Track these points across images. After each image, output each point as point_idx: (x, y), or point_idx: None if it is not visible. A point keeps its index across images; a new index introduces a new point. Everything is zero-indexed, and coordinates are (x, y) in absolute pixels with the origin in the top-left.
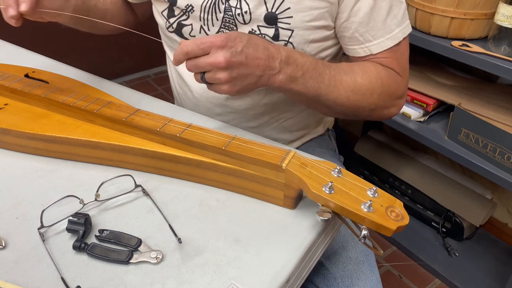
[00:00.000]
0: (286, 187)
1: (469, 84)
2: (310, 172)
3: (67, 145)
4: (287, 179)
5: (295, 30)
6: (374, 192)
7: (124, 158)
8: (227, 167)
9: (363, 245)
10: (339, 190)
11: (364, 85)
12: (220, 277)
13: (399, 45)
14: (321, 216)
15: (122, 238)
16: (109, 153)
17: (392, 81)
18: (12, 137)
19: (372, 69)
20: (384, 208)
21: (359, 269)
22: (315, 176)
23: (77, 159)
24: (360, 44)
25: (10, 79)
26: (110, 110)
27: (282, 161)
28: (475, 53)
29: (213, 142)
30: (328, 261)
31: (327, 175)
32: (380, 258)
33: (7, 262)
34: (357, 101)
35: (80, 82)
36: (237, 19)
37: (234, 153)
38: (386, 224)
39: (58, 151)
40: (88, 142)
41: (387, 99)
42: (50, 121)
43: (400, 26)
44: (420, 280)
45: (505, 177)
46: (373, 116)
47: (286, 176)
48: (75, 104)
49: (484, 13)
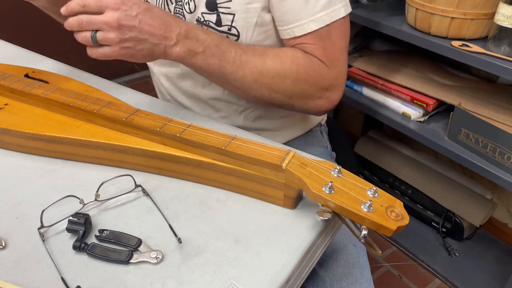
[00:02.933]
0: (286, 187)
1: (469, 84)
2: (310, 172)
3: (67, 145)
4: (287, 179)
5: (237, 13)
6: (374, 192)
7: (124, 158)
8: (227, 167)
9: (353, 247)
10: (339, 190)
11: (274, 69)
12: (220, 277)
13: (329, 33)
14: (321, 216)
15: (122, 238)
16: (109, 153)
17: (312, 70)
18: (12, 137)
19: (288, 54)
20: (384, 208)
21: (348, 272)
22: (315, 176)
23: (77, 159)
24: (284, 26)
25: (10, 79)
26: (110, 110)
27: (282, 161)
28: (475, 53)
29: (213, 142)
30: (317, 264)
31: (327, 175)
32: (380, 258)
33: (7, 262)
34: (267, 84)
35: (80, 82)
36: (184, 8)
37: (234, 153)
38: (386, 224)
39: (58, 151)
40: (88, 142)
41: (308, 88)
42: (50, 121)
43: (328, 9)
44: (420, 280)
45: (505, 177)
46: (296, 106)
47: (286, 176)
48: (75, 104)
49: (484, 13)
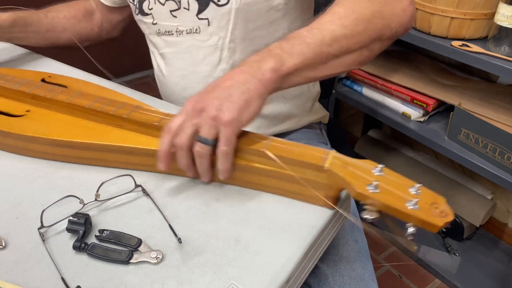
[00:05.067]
0: (327, 187)
1: (469, 84)
2: (353, 171)
3: (99, 152)
4: (330, 179)
5: None
6: (417, 189)
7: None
8: (267, 169)
9: (355, 243)
10: (383, 189)
11: (345, 3)
12: (220, 277)
13: None
14: (368, 215)
15: (122, 238)
16: (142, 158)
17: None
18: (38, 144)
19: None
20: (429, 204)
21: (351, 267)
22: (358, 176)
23: (107, 165)
24: None
25: (30, 85)
26: (140, 114)
27: (324, 162)
28: (475, 53)
29: (254, 145)
30: (320, 259)
31: (369, 174)
32: (380, 258)
33: (7, 262)
34: (355, 21)
35: (99, 86)
36: None
37: (276, 155)
38: (433, 221)
39: (88, 157)
40: (121, 147)
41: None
42: (77, 127)
43: None
44: (420, 280)
45: (505, 177)
46: (386, 17)
47: (328, 176)
48: (103, 109)
49: (484, 13)
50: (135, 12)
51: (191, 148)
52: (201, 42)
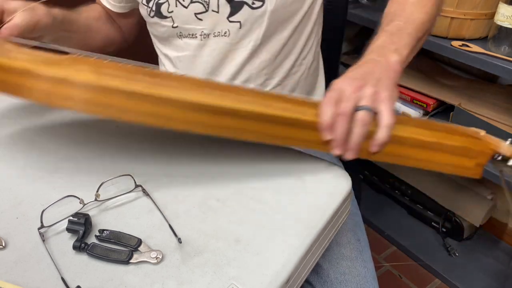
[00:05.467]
0: (481, 154)
1: (469, 84)
2: (487, 135)
3: (262, 123)
4: (483, 146)
5: None
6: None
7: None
8: (426, 140)
9: (357, 241)
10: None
11: None
12: (220, 277)
13: None
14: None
15: (122, 238)
16: (303, 132)
17: None
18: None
19: None
20: None
21: (352, 266)
22: (493, 139)
23: (265, 141)
24: None
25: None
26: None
27: (475, 132)
28: (475, 53)
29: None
30: (321, 257)
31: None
32: (380, 258)
33: (7, 262)
34: (432, 7)
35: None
36: None
37: (436, 125)
38: None
39: (249, 129)
40: (285, 119)
41: None
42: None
43: None
44: (420, 280)
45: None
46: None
47: (482, 143)
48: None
49: (484, 13)
50: (149, 14)
51: (352, 117)
52: (230, 45)
